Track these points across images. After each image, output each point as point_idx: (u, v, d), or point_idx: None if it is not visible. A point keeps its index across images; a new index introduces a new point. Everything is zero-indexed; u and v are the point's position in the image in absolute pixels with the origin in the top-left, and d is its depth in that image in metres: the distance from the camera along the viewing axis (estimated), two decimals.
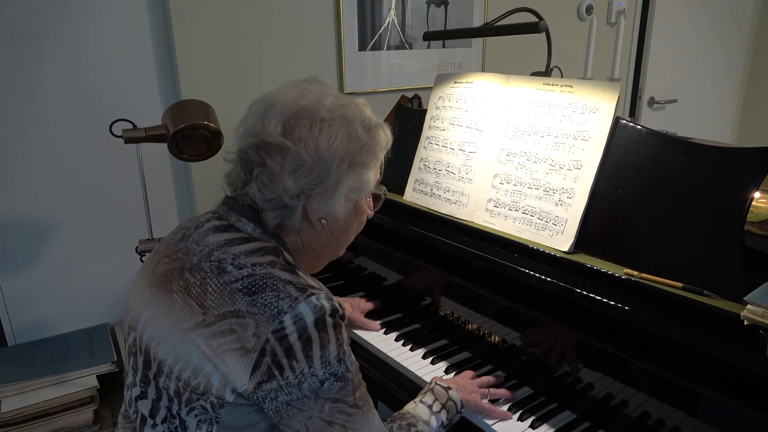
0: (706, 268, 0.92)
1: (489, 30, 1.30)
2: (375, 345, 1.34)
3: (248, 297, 0.79)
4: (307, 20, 1.90)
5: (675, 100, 3.04)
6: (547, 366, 1.12)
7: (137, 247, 1.39)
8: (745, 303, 0.82)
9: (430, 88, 1.45)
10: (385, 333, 1.38)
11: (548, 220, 1.13)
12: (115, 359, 1.72)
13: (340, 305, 0.83)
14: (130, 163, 1.64)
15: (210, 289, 0.82)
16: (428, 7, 2.13)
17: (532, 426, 1.05)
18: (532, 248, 1.13)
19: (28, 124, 1.57)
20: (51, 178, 1.62)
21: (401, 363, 1.25)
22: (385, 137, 0.95)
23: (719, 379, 0.85)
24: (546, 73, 1.25)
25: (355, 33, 1.99)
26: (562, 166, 1.13)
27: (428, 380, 1.13)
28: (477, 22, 2.26)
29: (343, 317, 0.84)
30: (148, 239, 1.41)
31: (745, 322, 0.81)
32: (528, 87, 1.21)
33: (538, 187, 1.16)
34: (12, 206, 1.60)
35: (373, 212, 1.03)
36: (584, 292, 0.97)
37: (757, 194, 1.21)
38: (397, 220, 1.36)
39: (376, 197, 1.03)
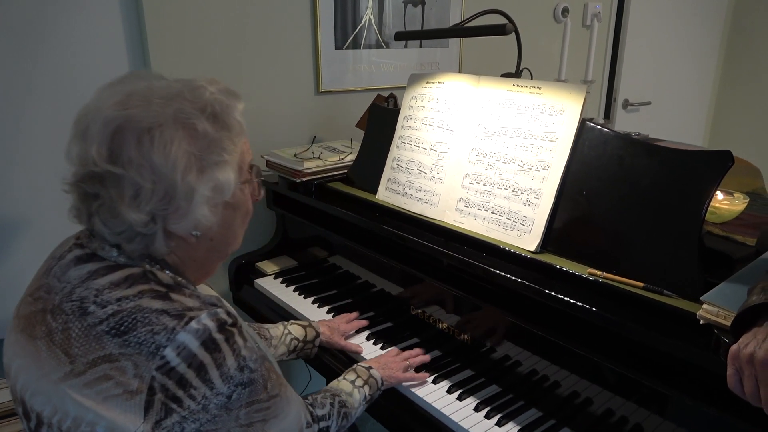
0: (666, 268, 0.94)
1: (458, 31, 1.31)
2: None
3: (118, 338, 0.70)
4: (283, 18, 1.89)
5: (649, 103, 3.09)
6: (515, 364, 1.14)
7: None
8: (702, 303, 0.84)
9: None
10: (356, 332, 1.38)
11: (516, 220, 1.14)
12: None
13: (228, 313, 0.75)
14: None
15: (74, 335, 0.72)
16: (405, 6, 2.14)
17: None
18: (500, 248, 1.14)
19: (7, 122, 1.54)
20: (27, 176, 1.59)
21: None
22: (237, 121, 0.81)
23: (677, 377, 0.87)
24: (516, 74, 1.26)
25: (332, 31, 1.99)
26: (530, 167, 1.14)
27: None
28: (455, 21, 2.27)
29: (235, 323, 0.76)
30: None
31: (701, 321, 0.83)
32: (498, 88, 1.22)
33: (507, 188, 1.17)
34: None
35: (258, 197, 0.90)
36: (550, 292, 0.99)
37: (720, 195, 1.25)
38: (370, 219, 1.36)
39: (255, 182, 0.89)
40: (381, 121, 1.53)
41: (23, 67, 1.53)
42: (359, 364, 1.16)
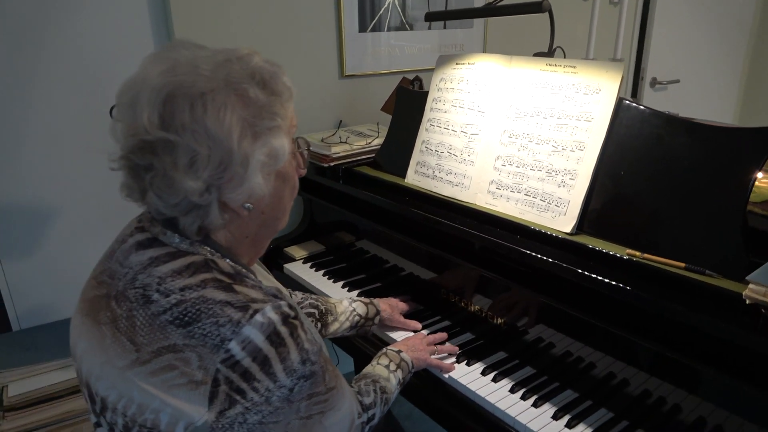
0: (708, 249, 0.93)
1: (492, 10, 1.28)
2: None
3: (182, 329, 0.70)
4: (307, 1, 1.88)
5: (677, 81, 3.02)
6: (551, 346, 1.13)
7: None
8: (747, 282, 0.83)
9: (432, 70, 1.43)
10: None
11: (551, 202, 1.13)
12: None
13: (290, 306, 0.75)
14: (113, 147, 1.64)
15: (138, 323, 0.72)
16: None
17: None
18: (535, 230, 1.13)
19: (28, 110, 1.56)
20: (51, 164, 1.62)
21: None
22: (286, 87, 0.80)
23: (722, 359, 0.85)
24: (549, 53, 1.24)
25: (356, 14, 1.97)
26: (564, 147, 1.12)
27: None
28: (479, 2, 2.23)
29: (296, 316, 0.75)
30: None
31: (747, 302, 0.81)
32: (531, 68, 1.20)
33: (541, 169, 1.16)
34: (14, 192, 1.59)
35: (304, 170, 0.90)
36: (587, 273, 0.98)
37: (759, 174, 1.22)
38: (399, 203, 1.36)
39: (300, 153, 0.89)
40: (408, 104, 1.52)
41: (38, 53, 1.55)
42: (389, 347, 1.16)
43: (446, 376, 1.15)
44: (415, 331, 1.31)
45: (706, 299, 0.88)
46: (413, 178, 1.43)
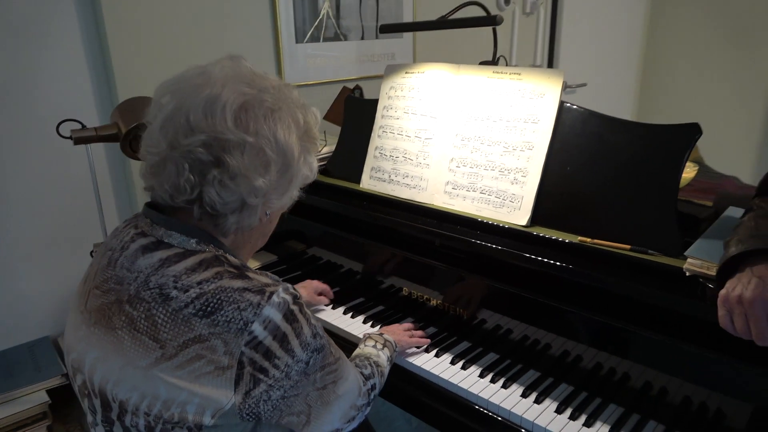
0: (649, 231, 1.06)
1: (446, 23, 1.37)
2: (340, 327, 1.38)
3: (206, 319, 0.74)
4: (243, 14, 1.88)
5: (585, 84, 3.29)
6: (509, 332, 1.23)
7: (92, 251, 1.34)
8: (685, 258, 0.96)
9: (369, 78, 1.51)
10: (352, 317, 1.43)
11: (505, 198, 1.23)
12: (65, 371, 1.65)
13: (293, 288, 0.81)
14: (62, 164, 1.57)
15: (160, 321, 0.75)
16: None
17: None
18: (493, 224, 1.22)
19: None
20: None
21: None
22: (315, 116, 0.91)
23: (670, 326, 0.98)
24: (493, 62, 1.34)
25: (292, 25, 2.00)
26: (515, 147, 1.23)
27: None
28: (407, 13, 2.33)
29: (300, 296, 0.81)
30: (102, 243, 1.36)
31: (687, 274, 0.94)
32: (478, 75, 1.30)
33: (494, 168, 1.25)
34: None
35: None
36: (545, 260, 1.08)
37: None
38: (357, 207, 1.41)
39: None
40: (358, 112, 1.58)
41: None
42: (370, 333, 1.22)
43: (420, 366, 1.21)
44: (322, 305, 1.45)
45: (652, 275, 1.00)
46: (369, 183, 1.48)
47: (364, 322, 1.41)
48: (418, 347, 1.27)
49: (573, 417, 1.05)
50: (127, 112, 1.31)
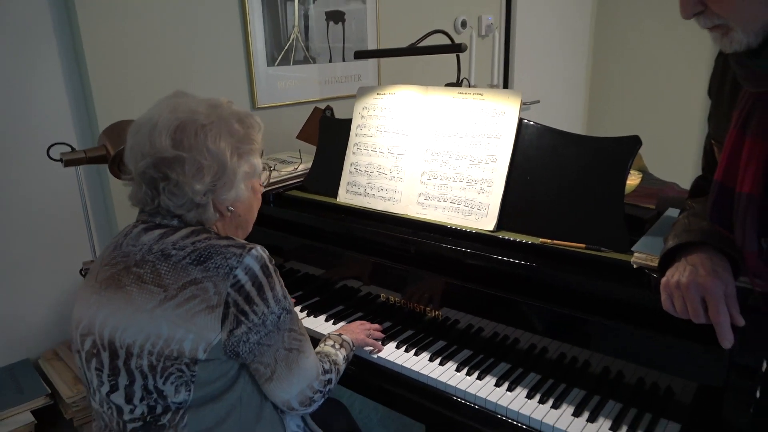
0: (601, 231, 1.19)
1: (416, 50, 1.50)
2: (319, 331, 1.46)
3: (199, 266, 0.94)
4: (218, 40, 1.97)
5: (538, 101, 3.50)
6: (482, 329, 1.34)
7: (81, 269, 1.39)
8: (632, 253, 1.10)
9: (338, 99, 1.61)
10: (334, 323, 1.51)
11: (473, 207, 1.35)
12: (49, 392, 1.67)
13: (267, 252, 1.00)
14: (41, 186, 1.62)
15: (163, 272, 0.95)
16: (327, 24, 2.30)
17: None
18: (463, 230, 1.34)
19: None
20: None
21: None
22: (256, 123, 1.11)
23: (621, 313, 1.11)
24: (458, 83, 1.48)
25: (264, 50, 2.10)
26: (480, 160, 1.35)
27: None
28: (371, 36, 2.47)
29: (272, 260, 1.00)
30: (92, 260, 1.41)
31: (635, 266, 1.08)
32: (445, 95, 1.42)
33: (462, 180, 1.37)
34: None
35: (264, 187, 1.21)
36: (511, 260, 1.20)
37: None
38: (335, 220, 1.50)
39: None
40: (332, 131, 1.68)
41: None
42: (331, 333, 1.32)
43: (404, 365, 1.31)
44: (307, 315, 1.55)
45: (605, 269, 1.14)
46: (345, 197, 1.59)
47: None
48: (375, 341, 1.38)
49: (542, 401, 1.17)
50: (114, 135, 1.38)
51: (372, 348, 1.36)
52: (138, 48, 1.77)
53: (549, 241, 1.23)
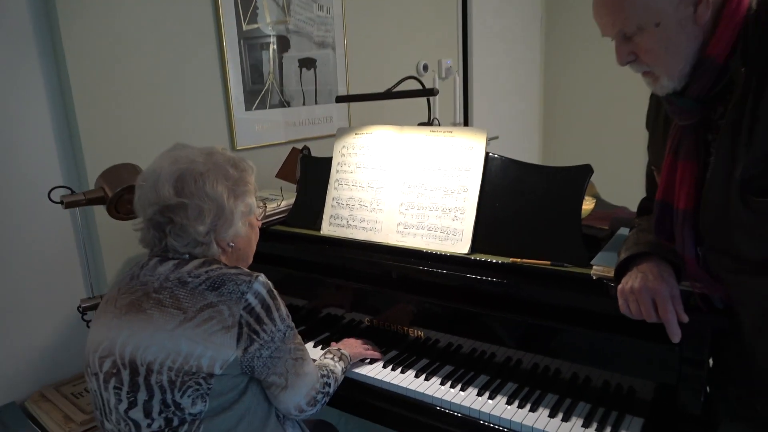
0: (562, 250, 1.34)
1: (393, 94, 1.65)
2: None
3: (214, 291, 1.06)
4: (199, 86, 2.09)
5: (497, 137, 3.72)
6: (461, 346, 1.46)
7: (79, 306, 1.45)
8: (591, 266, 1.25)
9: (312, 139, 1.74)
10: (322, 349, 1.60)
11: (449, 233, 1.49)
12: None
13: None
14: (30, 228, 1.67)
15: (181, 296, 1.06)
16: (300, 70, 2.45)
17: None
18: (440, 254, 1.47)
19: None
20: None
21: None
22: (249, 166, 1.24)
23: (582, 320, 1.24)
24: (429, 123, 1.63)
25: (242, 96, 2.23)
26: (453, 191, 1.50)
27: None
28: (341, 81, 2.63)
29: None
30: (89, 297, 1.47)
31: (594, 278, 1.23)
32: (418, 133, 1.57)
33: (437, 209, 1.51)
34: None
35: (260, 222, 1.34)
36: (486, 278, 1.34)
37: None
38: (319, 252, 1.61)
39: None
40: (313, 169, 1.81)
41: None
42: (330, 348, 1.44)
43: (392, 383, 1.41)
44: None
45: (568, 282, 1.28)
46: (328, 229, 1.70)
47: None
48: (372, 360, 1.50)
49: (521, 406, 1.29)
50: (111, 178, 1.46)
51: (370, 357, 1.49)
52: (125, 93, 1.86)
53: (518, 260, 1.37)
